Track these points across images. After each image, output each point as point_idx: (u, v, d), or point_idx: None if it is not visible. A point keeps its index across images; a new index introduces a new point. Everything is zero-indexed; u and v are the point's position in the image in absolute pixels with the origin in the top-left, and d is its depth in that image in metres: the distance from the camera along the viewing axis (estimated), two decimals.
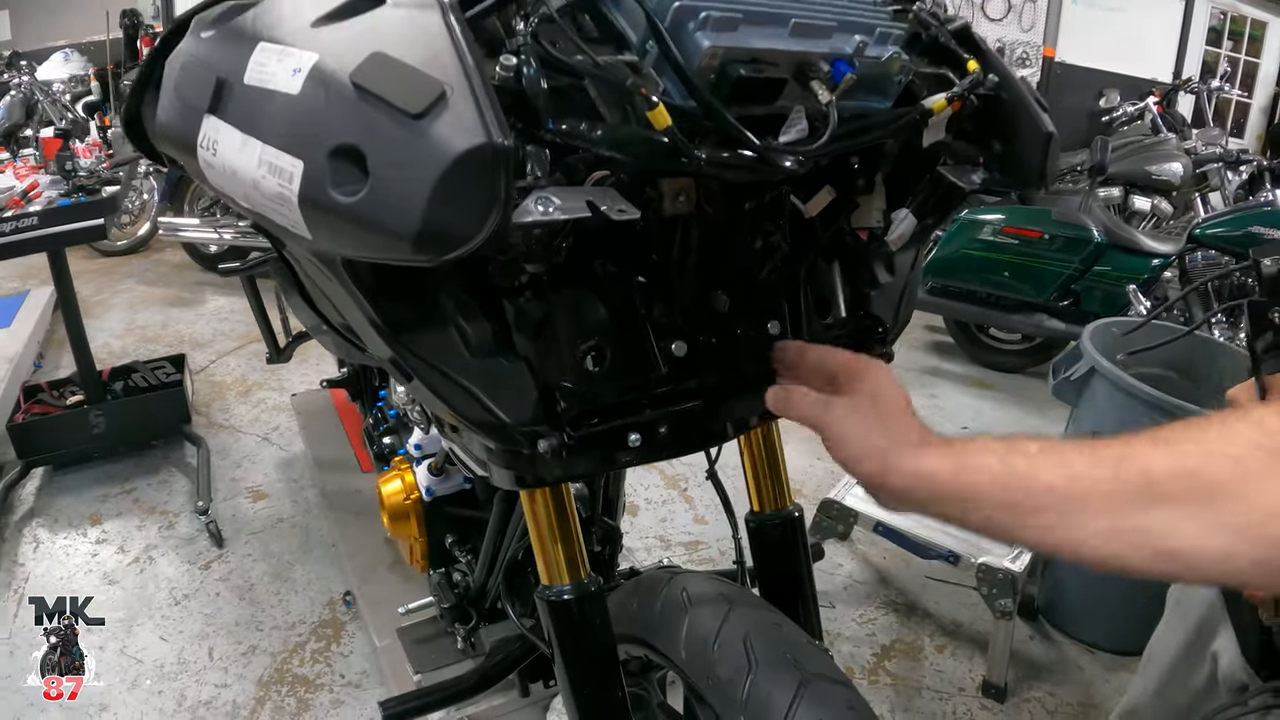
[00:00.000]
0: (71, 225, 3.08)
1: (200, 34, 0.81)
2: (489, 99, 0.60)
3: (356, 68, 0.63)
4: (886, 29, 0.87)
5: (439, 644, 2.04)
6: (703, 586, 1.15)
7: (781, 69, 0.79)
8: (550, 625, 1.13)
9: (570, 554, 1.11)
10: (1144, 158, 5.87)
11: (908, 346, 5.22)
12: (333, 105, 0.63)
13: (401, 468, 1.94)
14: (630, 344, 0.96)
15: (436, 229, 0.60)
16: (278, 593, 2.86)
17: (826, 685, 0.97)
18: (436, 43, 0.63)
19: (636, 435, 0.97)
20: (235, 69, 0.73)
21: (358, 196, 0.61)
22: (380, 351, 0.86)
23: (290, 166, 0.65)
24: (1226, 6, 8.57)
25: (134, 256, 6.53)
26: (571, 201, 0.68)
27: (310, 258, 0.83)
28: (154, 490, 3.43)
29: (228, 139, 0.71)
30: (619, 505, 1.71)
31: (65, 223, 3.08)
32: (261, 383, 4.42)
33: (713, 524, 3.30)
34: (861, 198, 1.04)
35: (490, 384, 0.86)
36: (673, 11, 0.72)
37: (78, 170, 3.27)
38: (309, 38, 0.69)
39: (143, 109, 0.97)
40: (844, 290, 1.13)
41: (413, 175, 0.59)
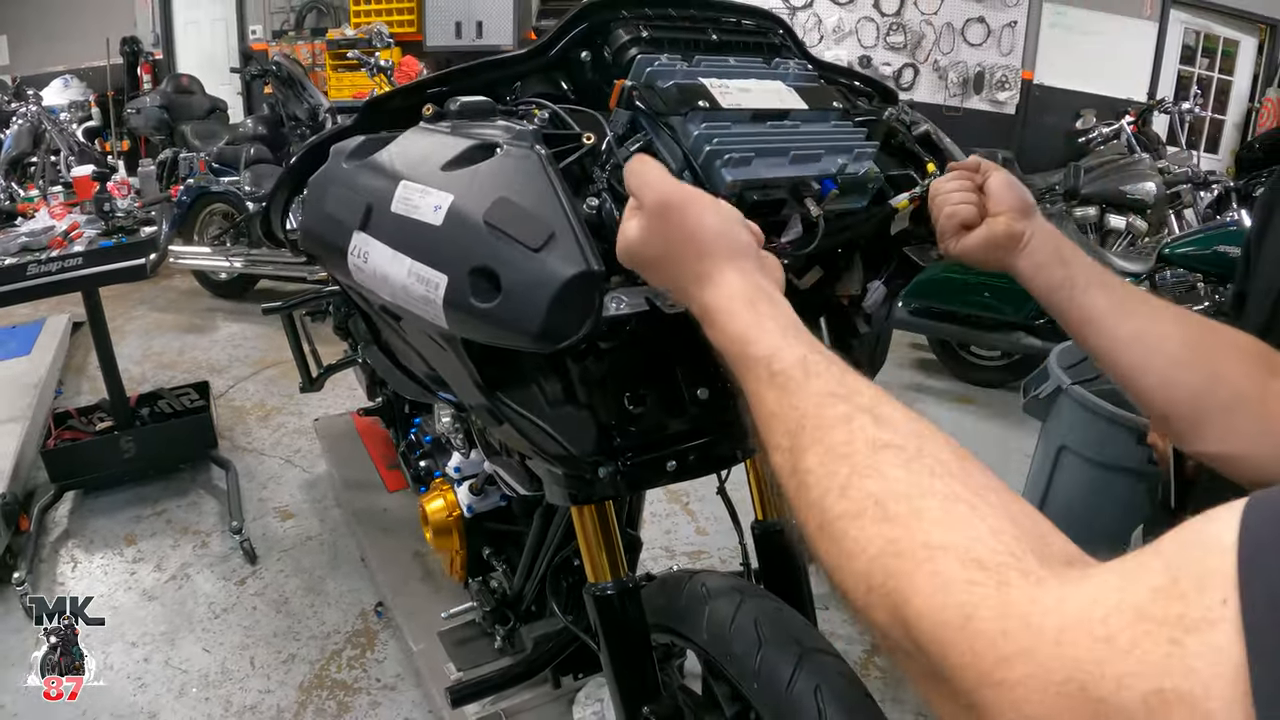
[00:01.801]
0: (115, 265, 3.28)
1: (343, 163, 1.07)
2: (584, 234, 0.86)
3: (487, 210, 0.89)
4: (862, 149, 1.14)
5: (476, 645, 2.29)
6: (718, 582, 1.41)
7: (783, 190, 1.06)
8: (596, 616, 1.39)
9: (612, 557, 1.39)
10: (1118, 177, 6.07)
11: (894, 365, 5.43)
12: (470, 236, 0.89)
13: (442, 488, 2.19)
14: (666, 391, 1.23)
15: (553, 329, 0.86)
16: (312, 605, 3.04)
17: (821, 657, 1.24)
18: (543, 190, 0.89)
19: (674, 462, 1.24)
20: (382, 198, 0.98)
21: (493, 304, 0.87)
22: (476, 401, 1.13)
23: (436, 279, 0.91)
24: (1200, 26, 8.78)
25: (145, 283, 6.64)
26: (635, 299, 0.95)
27: (429, 334, 1.09)
28: (185, 511, 3.61)
29: (379, 252, 0.97)
30: (639, 517, 1.98)
31: (109, 263, 3.27)
32: (280, 407, 4.61)
33: (713, 535, 3.51)
34: (843, 272, 1.32)
35: (563, 425, 1.13)
36: (705, 155, 1.00)
37: (115, 211, 3.46)
38: (443, 180, 0.94)
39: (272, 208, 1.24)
40: (830, 341, 1.40)
41: (536, 292, 0.85)
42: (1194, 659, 0.40)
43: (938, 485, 0.58)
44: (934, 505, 0.57)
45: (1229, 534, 0.42)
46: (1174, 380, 0.99)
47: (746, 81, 1.12)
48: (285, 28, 10.05)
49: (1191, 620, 0.41)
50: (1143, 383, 1.02)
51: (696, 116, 1.03)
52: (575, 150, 0.97)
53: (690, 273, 0.81)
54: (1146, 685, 0.41)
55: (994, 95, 8.51)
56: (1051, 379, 2.89)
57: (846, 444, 0.64)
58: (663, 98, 1.04)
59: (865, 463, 0.62)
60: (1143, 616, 0.43)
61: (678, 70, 1.09)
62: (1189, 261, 4.37)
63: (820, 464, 0.64)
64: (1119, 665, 0.42)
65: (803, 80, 1.20)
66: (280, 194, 1.21)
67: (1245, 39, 8.95)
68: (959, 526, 0.55)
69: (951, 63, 8.50)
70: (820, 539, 0.62)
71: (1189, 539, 0.45)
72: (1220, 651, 0.39)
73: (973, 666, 0.48)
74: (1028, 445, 3.90)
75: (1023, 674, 0.45)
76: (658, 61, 1.09)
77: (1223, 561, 0.41)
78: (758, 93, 1.11)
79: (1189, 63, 8.87)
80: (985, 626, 0.48)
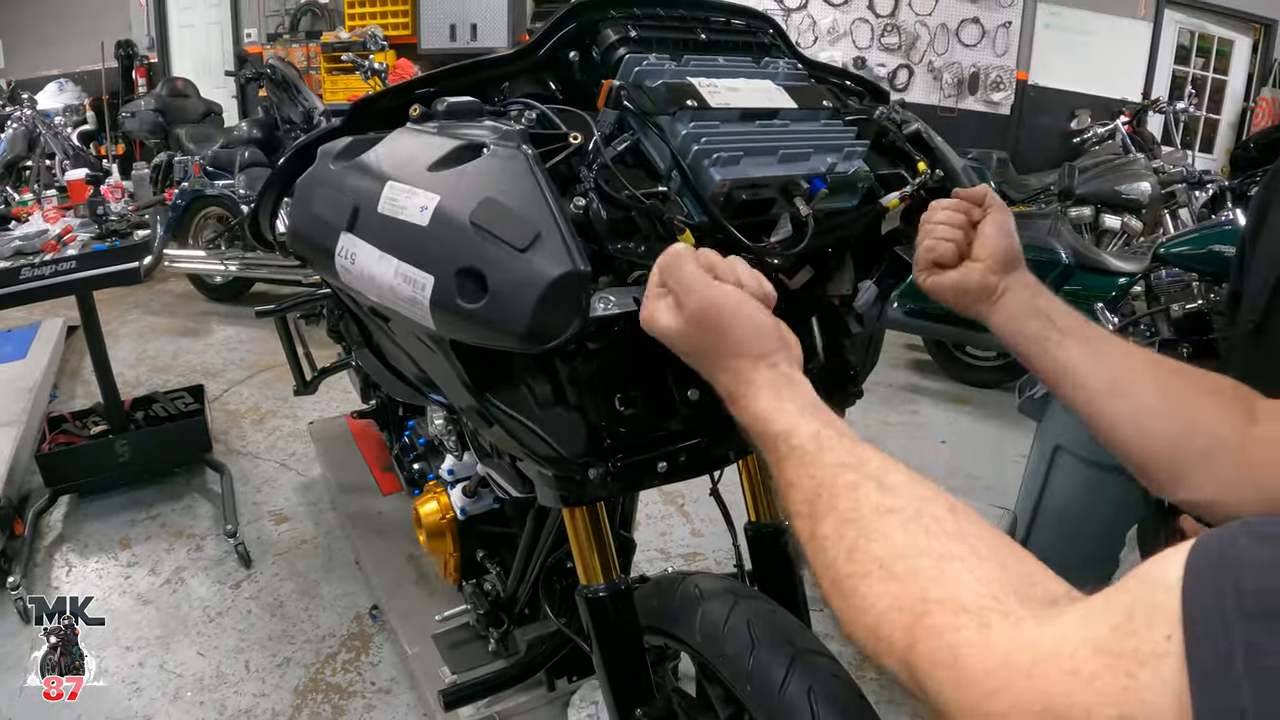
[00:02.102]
0: (108, 268, 3.26)
1: (330, 164, 1.07)
2: (571, 234, 0.86)
3: (474, 210, 0.88)
4: (852, 148, 1.13)
5: (470, 648, 2.28)
6: (711, 584, 1.41)
7: (772, 189, 1.06)
8: (589, 619, 1.38)
9: (604, 559, 1.38)
10: (1113, 177, 6.09)
11: (889, 365, 5.43)
12: (456, 237, 0.89)
13: (436, 491, 2.18)
14: (656, 392, 1.23)
15: (539, 329, 0.86)
16: (306, 608, 3.03)
17: (814, 658, 1.24)
18: (529, 189, 0.89)
19: (664, 463, 1.24)
20: (368, 199, 0.98)
21: (480, 304, 0.87)
22: (465, 403, 1.12)
23: (423, 279, 0.90)
24: (1194, 26, 8.80)
25: (139, 287, 6.59)
26: (624, 299, 0.95)
27: (418, 335, 1.09)
28: (179, 515, 3.60)
29: (366, 253, 0.97)
30: (633, 519, 1.97)
31: (102, 266, 3.25)
32: (275, 410, 4.61)
33: (708, 537, 3.50)
34: (835, 272, 1.31)
35: (552, 426, 1.13)
36: (693, 155, 1.00)
37: (109, 215, 3.46)
38: (429, 180, 0.94)
39: (261, 210, 1.23)
40: (822, 341, 1.39)
41: (522, 292, 0.85)
42: (1145, 691, 0.45)
43: (934, 545, 0.65)
44: (929, 564, 0.64)
45: (1175, 572, 0.47)
46: (1151, 430, 1.00)
47: (735, 81, 1.12)
48: (280, 31, 10.04)
49: (1143, 655, 0.46)
50: (1118, 433, 1.02)
51: (685, 116, 1.03)
52: (562, 150, 0.97)
53: (721, 365, 0.88)
54: (1110, 713, 0.46)
55: (989, 96, 8.53)
56: None
57: (854, 509, 0.71)
58: (651, 97, 1.04)
59: (871, 527, 0.69)
60: (1103, 651, 0.48)
61: (666, 70, 1.09)
62: (1184, 261, 4.35)
63: (833, 529, 0.72)
64: (1085, 695, 0.47)
65: (792, 79, 1.19)
66: (268, 196, 1.21)
67: (1240, 38, 8.97)
68: (950, 580, 0.62)
69: (946, 63, 8.53)
70: (834, 595, 0.70)
71: (1144, 576, 0.50)
72: (1167, 684, 0.44)
73: (964, 701, 0.55)
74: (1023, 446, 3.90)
75: (1005, 706, 0.51)
76: (646, 61, 1.08)
77: (1169, 599, 0.46)
78: (746, 92, 1.11)
79: (1183, 63, 8.90)
80: (971, 664, 0.55)
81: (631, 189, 0.98)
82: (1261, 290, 1.30)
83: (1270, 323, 1.29)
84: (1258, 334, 1.30)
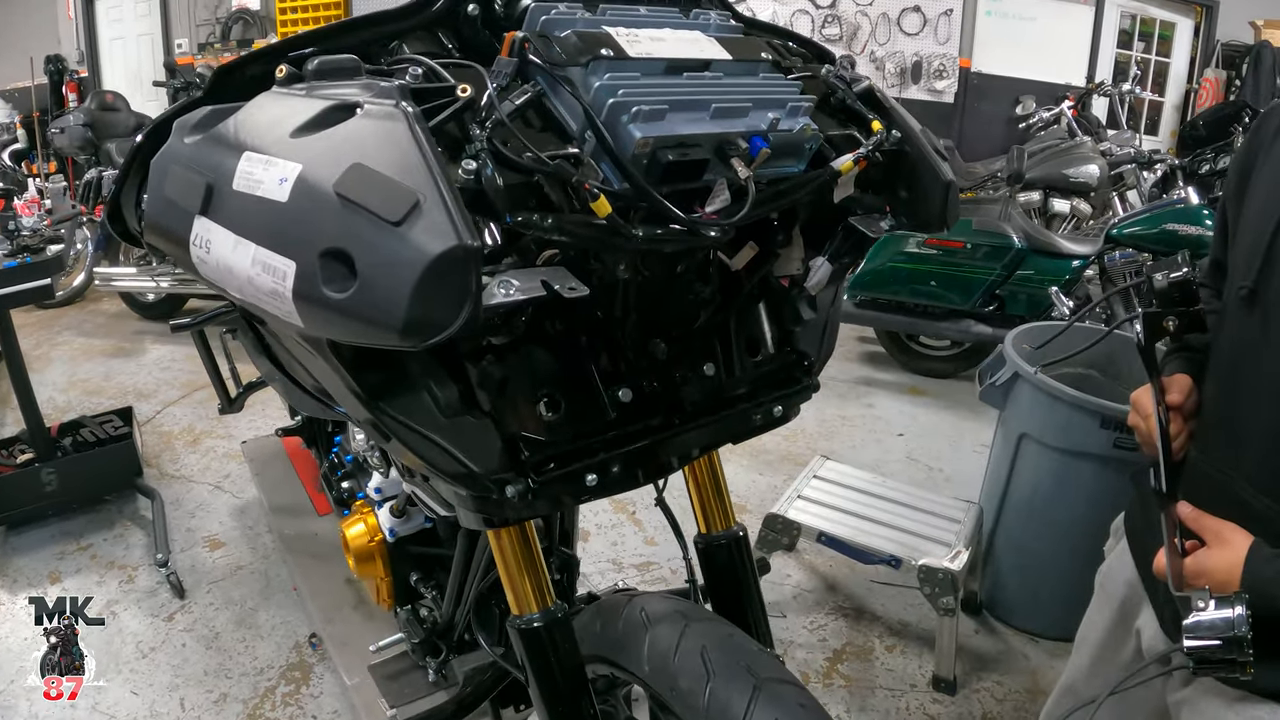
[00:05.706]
0: (19, 286, 3.10)
1: (184, 139, 0.90)
2: (456, 203, 0.70)
3: (339, 179, 0.73)
4: (797, 103, 0.98)
5: (411, 678, 2.11)
6: (660, 606, 1.25)
7: (704, 149, 0.90)
8: (523, 652, 1.22)
9: (537, 584, 1.22)
10: (1061, 161, 6.05)
11: (842, 359, 5.33)
12: (320, 212, 0.73)
13: (363, 511, 2.01)
14: (582, 394, 1.07)
15: (420, 320, 0.70)
16: (243, 639, 2.88)
17: (778, 686, 1.08)
18: (407, 152, 0.73)
19: (594, 476, 1.07)
20: (223, 175, 0.82)
21: (348, 293, 0.71)
22: (359, 415, 0.96)
23: (283, 266, 0.74)
24: (1135, 9, 8.82)
25: (71, 308, 6.43)
26: (529, 282, 0.79)
27: (295, 337, 0.93)
28: (111, 545, 3.42)
29: (221, 239, 0.80)
30: (574, 535, 1.81)
31: (13, 284, 3.09)
32: (209, 431, 4.41)
33: (662, 545, 3.38)
34: (782, 249, 1.16)
35: (460, 439, 0.96)
36: (608, 108, 0.84)
37: (21, 230, 3.28)
38: (290, 148, 0.78)
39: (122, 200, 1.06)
40: (771, 330, 1.24)
41: (396, 274, 0.69)
42: None
43: None
44: None
45: None
46: None
47: (660, 31, 0.96)
48: (211, 40, 9.79)
49: None
50: None
51: (599, 67, 0.87)
52: (450, 105, 0.81)
53: None
54: None
55: (932, 84, 8.48)
56: (1008, 365, 2.80)
57: None
58: (560, 47, 0.88)
59: None
60: None
61: (578, 19, 0.93)
62: (1138, 241, 4.36)
63: None
64: None
65: (726, 31, 1.04)
66: (126, 181, 1.03)
67: (1182, 20, 9.01)
68: None
69: (889, 53, 8.47)
70: None
71: None
72: None
73: None
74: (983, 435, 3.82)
75: None
76: (554, 10, 0.93)
77: None
78: (673, 42, 0.95)
79: (1126, 46, 8.91)
80: None
81: (533, 150, 0.82)
82: (1254, 252, 1.18)
83: (1264, 288, 1.16)
84: (1251, 301, 1.18)
